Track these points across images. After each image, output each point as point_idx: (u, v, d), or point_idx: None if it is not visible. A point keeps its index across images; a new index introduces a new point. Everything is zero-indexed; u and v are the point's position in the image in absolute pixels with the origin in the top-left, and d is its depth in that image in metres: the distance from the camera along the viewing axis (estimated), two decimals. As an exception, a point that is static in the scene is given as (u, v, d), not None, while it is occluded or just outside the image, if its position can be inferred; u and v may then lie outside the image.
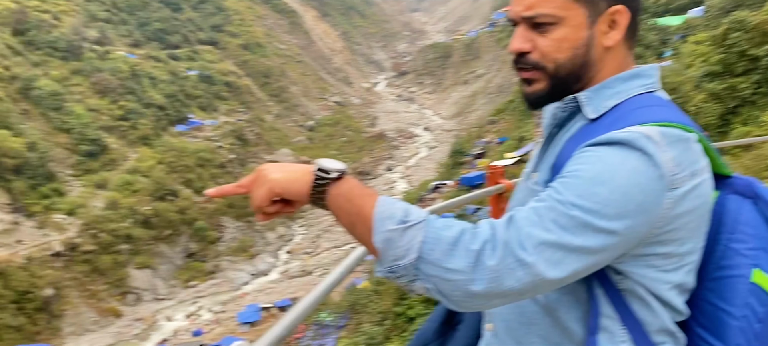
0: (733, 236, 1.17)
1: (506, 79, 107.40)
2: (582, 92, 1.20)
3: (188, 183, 69.28)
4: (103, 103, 73.07)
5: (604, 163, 1.03)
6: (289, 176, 1.15)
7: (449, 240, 0.99)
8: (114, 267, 55.62)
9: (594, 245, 1.00)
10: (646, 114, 1.11)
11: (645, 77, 1.22)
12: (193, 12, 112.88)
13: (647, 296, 1.11)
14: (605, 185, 1.00)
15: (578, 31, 1.18)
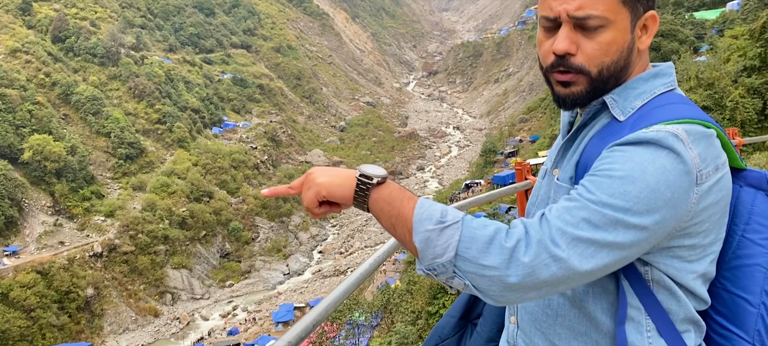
0: (749, 227, 1.22)
1: (537, 77, 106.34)
2: (608, 95, 1.23)
3: (223, 184, 70.39)
4: (140, 107, 74.72)
5: (634, 162, 1.06)
6: (334, 181, 1.20)
7: (484, 238, 1.04)
8: (152, 267, 56.87)
9: (625, 241, 1.04)
10: (670, 112, 1.15)
11: (665, 76, 1.25)
12: (226, 16, 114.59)
13: (673, 285, 1.15)
14: (636, 183, 1.04)
15: (625, 34, 1.19)
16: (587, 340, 1.22)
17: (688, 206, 1.08)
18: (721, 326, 1.22)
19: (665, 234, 1.09)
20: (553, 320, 1.26)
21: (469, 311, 1.70)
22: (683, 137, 1.08)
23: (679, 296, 1.16)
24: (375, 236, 69.18)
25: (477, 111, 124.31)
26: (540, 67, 1.30)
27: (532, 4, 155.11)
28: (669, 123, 1.11)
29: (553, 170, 1.35)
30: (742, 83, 21.17)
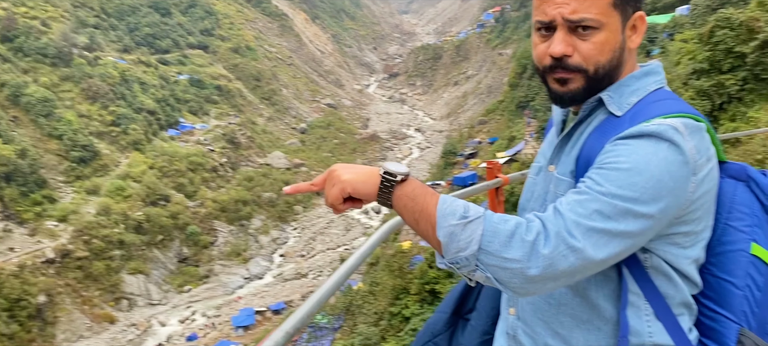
0: (731, 216, 1.30)
1: (496, 80, 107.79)
2: (604, 92, 1.30)
3: (180, 188, 69.12)
4: (94, 109, 72.80)
5: (638, 154, 1.13)
6: (358, 178, 1.24)
7: (506, 233, 1.10)
8: (107, 273, 55.44)
9: (635, 229, 1.12)
10: (665, 107, 1.23)
11: (656, 74, 1.34)
12: (183, 16, 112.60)
13: (671, 271, 1.24)
14: (642, 174, 1.11)
15: (616, 34, 1.28)
16: (590, 327, 1.28)
17: (687, 195, 1.15)
18: (710, 309, 1.29)
19: (668, 222, 1.16)
20: (556, 310, 1.31)
21: (460, 307, 1.73)
22: (682, 130, 1.16)
23: (676, 281, 1.24)
24: (337, 239, 68.98)
25: (437, 113, 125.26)
26: (536, 69, 1.36)
27: (489, 8, 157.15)
28: (666, 117, 1.18)
29: (549, 167, 1.41)
30: (692, 86, 21.87)
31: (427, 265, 27.21)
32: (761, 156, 12.49)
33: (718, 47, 20.99)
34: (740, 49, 20.25)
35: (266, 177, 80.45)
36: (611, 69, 1.29)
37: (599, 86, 1.31)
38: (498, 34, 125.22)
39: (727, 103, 20.73)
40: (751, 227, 1.29)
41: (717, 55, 21.03)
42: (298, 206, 79.56)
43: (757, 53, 19.32)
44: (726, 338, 1.26)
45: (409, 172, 1.24)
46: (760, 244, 1.27)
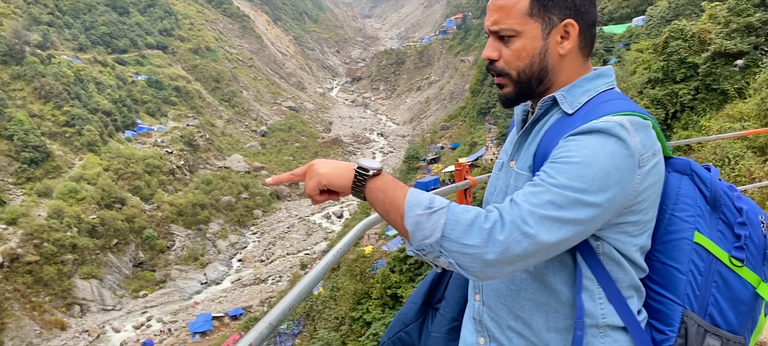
0: (677, 207, 1.41)
1: (458, 86, 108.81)
2: (558, 92, 1.42)
3: (136, 190, 67.56)
4: (47, 108, 70.62)
5: (587, 149, 1.24)
6: (334, 172, 1.37)
7: (467, 222, 1.21)
8: (58, 278, 53.73)
9: (584, 217, 1.23)
10: (614, 106, 1.34)
11: (606, 76, 1.45)
12: (141, 16, 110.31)
13: (620, 257, 1.35)
14: (590, 167, 1.22)
15: (534, 41, 1.39)
16: (547, 309, 1.40)
17: (634, 186, 1.26)
18: (657, 293, 1.41)
19: (615, 211, 1.27)
20: (517, 294, 1.43)
21: (430, 297, 1.82)
22: (628, 126, 1.26)
23: (625, 266, 1.36)
24: (297, 243, 68.41)
25: (400, 118, 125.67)
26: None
27: (452, 14, 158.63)
28: (615, 115, 1.29)
29: (510, 163, 1.51)
30: (647, 94, 22.40)
31: (389, 269, 27.17)
32: (712, 161, 12.87)
33: (671, 58, 21.55)
34: (692, 59, 20.84)
35: (225, 180, 79.32)
36: (533, 73, 1.41)
37: (529, 89, 1.43)
38: (460, 41, 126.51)
39: (680, 112, 21.30)
40: (694, 217, 1.39)
41: (671, 65, 21.60)
42: (258, 209, 78.66)
43: (708, 64, 19.91)
44: (671, 319, 1.38)
45: (381, 167, 1.35)
46: (702, 232, 1.38)
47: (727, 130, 13.59)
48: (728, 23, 19.42)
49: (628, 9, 60.57)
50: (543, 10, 1.38)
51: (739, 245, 1.38)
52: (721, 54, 19.50)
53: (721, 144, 11.72)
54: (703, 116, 19.21)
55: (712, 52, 19.70)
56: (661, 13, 43.52)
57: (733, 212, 1.40)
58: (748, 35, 18.86)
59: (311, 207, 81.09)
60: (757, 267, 1.40)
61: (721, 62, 19.62)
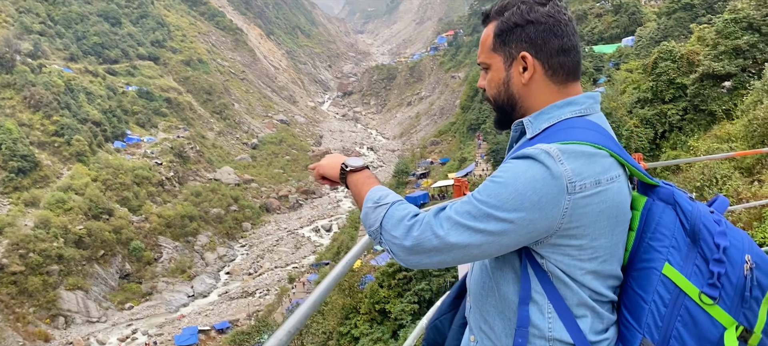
0: (653, 236, 1.43)
1: (448, 102, 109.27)
2: (527, 117, 1.54)
3: (124, 201, 67.08)
4: (36, 118, 70.16)
5: (511, 171, 1.37)
6: (329, 164, 1.80)
7: (397, 218, 1.45)
8: (43, 289, 53.10)
9: (494, 229, 1.36)
10: (566, 134, 1.42)
11: (576, 105, 1.52)
12: (133, 27, 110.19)
13: (565, 277, 1.42)
14: (507, 187, 1.35)
15: (499, 73, 1.57)
16: (504, 316, 1.51)
17: (560, 210, 1.34)
18: (625, 318, 1.45)
19: (540, 230, 1.36)
20: (485, 299, 1.57)
21: (462, 293, 1.93)
22: (554, 154, 1.34)
23: (571, 286, 1.42)
24: (286, 257, 68.10)
25: (390, 133, 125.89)
26: None
27: (443, 32, 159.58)
28: (561, 143, 1.38)
29: None
30: (637, 114, 22.60)
31: (378, 284, 27.07)
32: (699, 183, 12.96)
33: (660, 78, 21.78)
34: (681, 80, 21.07)
35: (214, 192, 78.96)
36: (504, 100, 1.58)
37: (506, 114, 1.60)
38: (451, 58, 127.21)
39: (669, 131, 21.48)
40: (668, 248, 1.40)
41: (660, 85, 21.82)
42: (247, 222, 78.32)
43: (696, 85, 20.13)
44: (631, 345, 1.42)
45: (362, 165, 1.71)
46: (672, 265, 1.39)
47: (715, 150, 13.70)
48: (716, 45, 19.68)
49: (617, 29, 61.28)
50: (502, 45, 1.55)
51: (711, 282, 1.36)
52: (709, 75, 19.73)
53: (709, 165, 11.81)
54: (692, 136, 19.38)
55: (701, 73, 19.93)
56: (650, 33, 44.04)
57: (710, 248, 1.38)
58: (735, 57, 19.11)
59: (300, 220, 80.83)
60: (732, 308, 1.36)
61: (709, 83, 19.85)
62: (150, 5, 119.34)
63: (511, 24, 1.53)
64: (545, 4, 1.52)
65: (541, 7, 1.51)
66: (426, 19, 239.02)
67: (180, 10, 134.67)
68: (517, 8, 1.53)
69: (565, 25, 1.51)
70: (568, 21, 1.52)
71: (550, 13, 1.51)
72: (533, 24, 1.51)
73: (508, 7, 1.55)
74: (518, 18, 1.52)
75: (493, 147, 57.42)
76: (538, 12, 1.51)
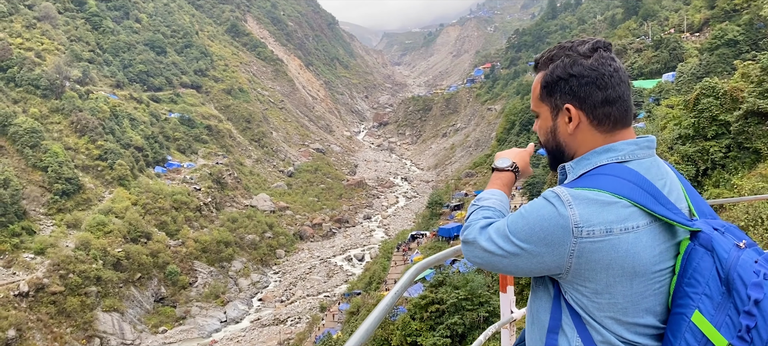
0: (688, 282, 1.44)
1: (484, 134, 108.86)
2: (569, 162, 1.65)
3: (162, 226, 68.29)
4: (81, 142, 72.37)
5: (531, 207, 1.54)
6: (499, 156, 2.02)
7: (469, 220, 1.72)
8: (81, 309, 54.12)
9: (508, 250, 1.55)
10: (590, 181, 1.52)
11: (615, 151, 1.58)
12: (178, 56, 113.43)
13: (585, 316, 1.52)
14: (523, 219, 1.53)
15: (547, 121, 1.69)
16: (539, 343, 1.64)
17: (567, 250, 1.45)
18: None
19: (549, 264, 1.51)
20: (530, 327, 1.71)
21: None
22: (564, 198, 1.47)
23: (594, 325, 1.50)
24: (318, 285, 68.14)
25: (425, 163, 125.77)
26: None
27: (480, 64, 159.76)
28: (580, 188, 1.49)
29: None
30: (677, 150, 22.13)
31: (410, 316, 26.82)
32: (743, 222, 12.54)
33: (702, 114, 21.32)
34: (724, 117, 20.59)
35: (250, 219, 79.80)
36: (552, 147, 1.69)
37: (556, 159, 1.71)
38: (487, 90, 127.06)
39: (711, 169, 20.94)
40: (700, 296, 1.40)
41: (702, 122, 21.35)
42: (281, 249, 78.81)
43: (740, 122, 19.65)
44: None
45: (504, 166, 1.96)
46: (702, 313, 1.39)
47: (761, 189, 13.30)
48: (761, 82, 19.23)
49: (658, 64, 60.46)
50: (548, 97, 1.65)
51: (740, 334, 1.33)
52: (754, 113, 19.25)
53: (754, 204, 11.46)
54: (735, 175, 18.87)
55: (745, 110, 19.45)
56: (692, 69, 43.30)
57: (742, 299, 1.35)
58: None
59: (333, 249, 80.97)
60: None
61: (753, 121, 19.36)
62: (194, 36, 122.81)
63: (556, 77, 1.60)
64: (590, 57, 1.56)
65: (585, 60, 1.56)
66: (463, 52, 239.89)
67: (223, 41, 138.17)
68: (561, 61, 1.60)
69: (609, 77, 1.55)
70: (613, 72, 1.56)
71: (593, 67, 1.55)
72: (576, 78, 1.57)
73: (554, 59, 1.63)
74: (561, 71, 1.59)
75: (529, 180, 56.87)
76: (581, 66, 1.56)
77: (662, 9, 76.92)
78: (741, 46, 40.77)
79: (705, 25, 61.10)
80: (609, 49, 1.59)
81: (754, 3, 43.20)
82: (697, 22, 64.03)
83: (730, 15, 51.80)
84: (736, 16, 48.22)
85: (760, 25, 40.37)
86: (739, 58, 32.44)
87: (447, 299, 25.15)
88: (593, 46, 1.59)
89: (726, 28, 44.42)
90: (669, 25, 68.13)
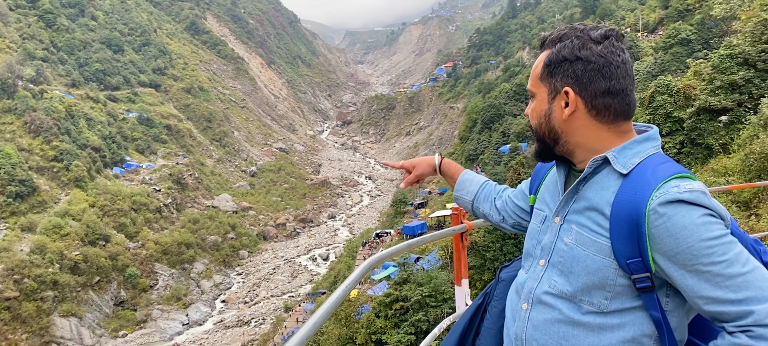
0: None
1: (447, 132, 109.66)
2: (609, 152, 1.50)
3: (121, 228, 66.80)
4: (36, 143, 70.24)
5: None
6: (424, 160, 2.26)
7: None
8: (37, 315, 52.54)
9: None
10: (669, 169, 1.42)
11: (654, 140, 1.53)
12: (136, 54, 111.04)
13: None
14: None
15: (542, 104, 1.58)
16: None
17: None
18: None
19: None
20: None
21: (466, 335, 1.93)
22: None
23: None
24: (282, 286, 67.65)
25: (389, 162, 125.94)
26: None
27: (442, 63, 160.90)
28: (678, 179, 1.39)
29: (554, 219, 1.61)
30: (634, 147, 22.65)
31: (374, 314, 26.87)
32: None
33: (657, 111, 21.91)
34: (678, 114, 21.20)
35: (212, 220, 78.70)
36: (544, 132, 1.58)
37: (547, 147, 1.60)
38: (450, 89, 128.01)
39: (666, 165, 21.50)
40: None
41: (657, 118, 21.93)
42: (244, 250, 77.95)
43: (693, 119, 20.26)
44: None
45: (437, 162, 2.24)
46: None
47: (713, 184, 13.75)
48: (713, 80, 19.85)
49: (615, 63, 61.80)
50: (549, 76, 1.54)
51: None
52: (706, 110, 19.87)
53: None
54: (689, 170, 19.43)
55: (698, 107, 20.06)
56: (647, 68, 44.41)
57: None
58: (731, 92, 19.27)
59: (297, 249, 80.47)
60: None
61: (705, 118, 19.98)
62: (153, 33, 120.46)
63: (561, 57, 1.52)
64: (600, 43, 1.49)
65: (595, 45, 1.49)
66: (425, 51, 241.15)
67: (182, 39, 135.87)
68: (570, 42, 1.51)
69: (616, 67, 1.48)
70: (621, 63, 1.49)
71: (601, 54, 1.48)
72: (582, 61, 1.49)
73: (564, 39, 1.53)
74: (568, 52, 1.51)
75: (491, 178, 57.48)
76: (589, 50, 1.49)
77: (619, 8, 78.71)
78: (693, 44, 41.97)
79: (659, 25, 62.74)
80: (621, 39, 1.52)
81: (706, 3, 44.54)
82: (652, 22, 65.69)
83: (683, 15, 53.30)
84: (689, 16, 49.63)
85: (712, 25, 41.64)
86: (692, 56, 33.44)
87: (411, 296, 25.29)
88: (605, 33, 1.51)
89: (679, 27, 45.67)
90: (625, 25, 69.73)
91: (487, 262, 27.34)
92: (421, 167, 2.25)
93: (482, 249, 27.23)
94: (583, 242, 1.49)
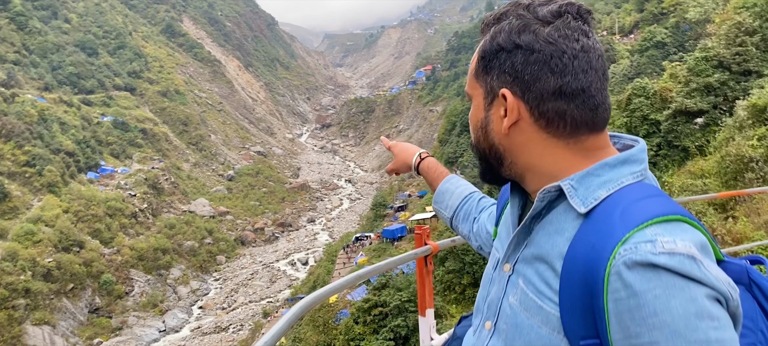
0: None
1: (426, 135, 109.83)
2: (564, 181, 1.03)
3: (96, 234, 65.63)
4: (7, 148, 68.75)
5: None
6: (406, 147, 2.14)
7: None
8: (8, 324, 51.30)
9: None
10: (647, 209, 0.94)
11: (635, 163, 1.06)
12: (110, 57, 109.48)
13: None
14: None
15: (478, 111, 1.12)
16: None
17: None
18: None
19: None
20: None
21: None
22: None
23: None
24: (260, 291, 67.01)
25: (368, 165, 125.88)
26: None
27: (421, 66, 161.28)
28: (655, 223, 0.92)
29: (504, 265, 1.15)
30: (611, 149, 22.73)
31: (353, 320, 26.60)
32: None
33: (634, 114, 22.00)
34: (654, 116, 21.30)
35: (189, 225, 77.73)
36: (485, 149, 1.12)
37: (490, 167, 1.14)
38: (429, 92, 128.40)
39: (643, 167, 21.61)
40: (754, 344, 1.01)
41: (634, 121, 22.02)
42: (221, 255, 77.12)
43: (669, 121, 20.37)
44: None
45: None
46: None
47: (689, 186, 13.77)
48: (688, 83, 19.97)
49: (592, 66, 62.36)
50: (484, 73, 1.09)
51: None
52: (682, 112, 19.97)
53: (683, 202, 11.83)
54: (666, 172, 19.49)
55: (674, 110, 20.16)
56: (623, 70, 44.83)
57: None
58: (707, 95, 19.39)
59: (276, 253, 79.81)
60: None
61: (682, 120, 20.08)
62: (128, 36, 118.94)
63: (495, 46, 1.06)
64: (550, 23, 1.02)
65: (541, 27, 1.02)
66: (404, 54, 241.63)
67: (158, 42, 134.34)
68: (508, 23, 1.05)
69: (571, 58, 1.00)
70: (580, 52, 1.01)
71: (550, 39, 1.01)
72: (523, 50, 1.02)
73: (503, 18, 1.07)
74: (504, 39, 1.04)
75: (471, 180, 57.56)
76: (533, 34, 1.02)
77: (595, 12, 79.43)
78: (669, 47, 42.45)
79: (635, 28, 63.45)
80: (582, 17, 1.03)
81: (681, 7, 45.09)
82: (628, 25, 66.43)
83: (659, 18, 53.95)
84: (664, 19, 50.23)
85: (687, 28, 42.15)
86: (668, 59, 33.76)
87: (390, 301, 25.06)
88: (558, 9, 1.02)
89: (655, 30, 46.19)
90: (601, 28, 70.45)
91: (466, 266, 27.23)
92: (398, 162, 2.08)
93: (461, 253, 27.12)
94: (527, 306, 1.05)
